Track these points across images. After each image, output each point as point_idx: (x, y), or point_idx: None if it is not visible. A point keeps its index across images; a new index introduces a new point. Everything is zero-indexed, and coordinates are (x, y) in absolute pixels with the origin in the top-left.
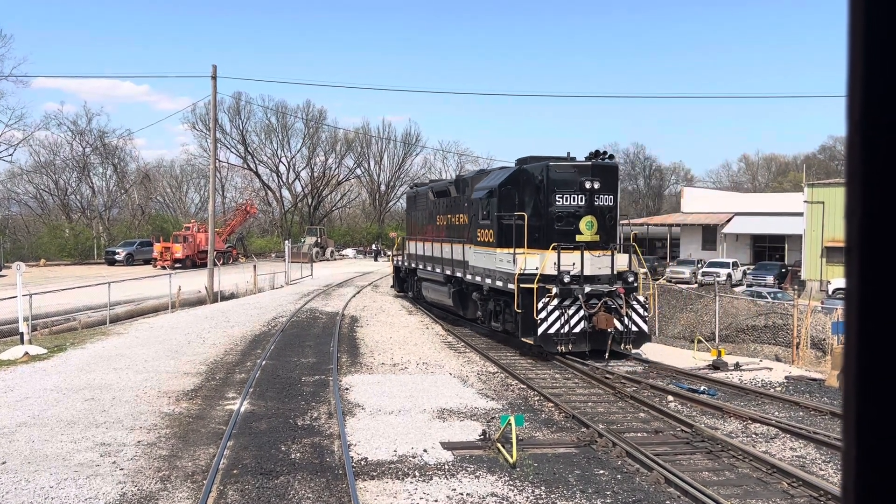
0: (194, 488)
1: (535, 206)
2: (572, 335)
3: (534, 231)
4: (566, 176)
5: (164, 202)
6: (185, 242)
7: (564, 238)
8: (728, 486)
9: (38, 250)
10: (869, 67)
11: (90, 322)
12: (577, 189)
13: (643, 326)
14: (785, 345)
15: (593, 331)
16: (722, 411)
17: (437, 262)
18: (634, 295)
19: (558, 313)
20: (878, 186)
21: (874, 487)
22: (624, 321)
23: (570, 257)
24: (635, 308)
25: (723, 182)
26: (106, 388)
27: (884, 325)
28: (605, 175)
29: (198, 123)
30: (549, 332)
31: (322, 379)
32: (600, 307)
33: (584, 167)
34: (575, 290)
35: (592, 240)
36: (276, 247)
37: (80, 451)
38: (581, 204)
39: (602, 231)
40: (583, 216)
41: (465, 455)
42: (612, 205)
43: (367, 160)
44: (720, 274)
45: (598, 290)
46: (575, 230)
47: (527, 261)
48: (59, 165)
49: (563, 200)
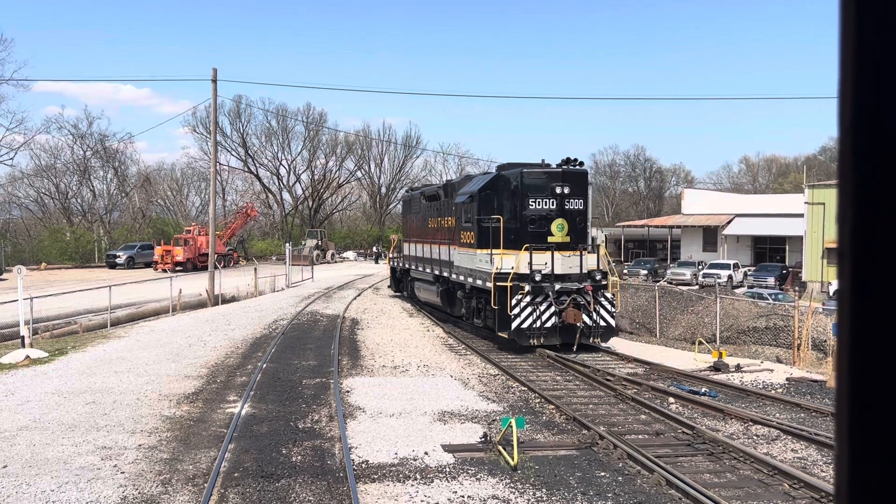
0: (195, 491)
1: (511, 210)
2: (544, 329)
3: (510, 233)
4: (539, 182)
5: (164, 205)
6: (185, 245)
7: (537, 239)
8: (729, 487)
9: (38, 254)
10: (860, 72)
11: (91, 325)
12: (548, 194)
13: (611, 321)
14: (786, 346)
15: (563, 325)
16: (723, 413)
17: (428, 262)
18: (602, 292)
19: (531, 309)
20: (869, 191)
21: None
22: (592, 316)
23: (542, 257)
24: (603, 304)
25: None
26: (107, 391)
27: (876, 328)
28: (575, 181)
29: (198, 126)
30: (523, 327)
31: (323, 382)
32: (569, 303)
33: (556, 173)
34: (546, 288)
35: (563, 241)
36: (277, 250)
37: (81, 455)
38: (552, 207)
39: (572, 233)
40: (554, 219)
41: (466, 457)
42: (583, 208)
43: (367, 163)
44: (721, 275)
45: (568, 287)
46: (547, 232)
47: (503, 261)
48: (60, 169)
49: (535, 204)
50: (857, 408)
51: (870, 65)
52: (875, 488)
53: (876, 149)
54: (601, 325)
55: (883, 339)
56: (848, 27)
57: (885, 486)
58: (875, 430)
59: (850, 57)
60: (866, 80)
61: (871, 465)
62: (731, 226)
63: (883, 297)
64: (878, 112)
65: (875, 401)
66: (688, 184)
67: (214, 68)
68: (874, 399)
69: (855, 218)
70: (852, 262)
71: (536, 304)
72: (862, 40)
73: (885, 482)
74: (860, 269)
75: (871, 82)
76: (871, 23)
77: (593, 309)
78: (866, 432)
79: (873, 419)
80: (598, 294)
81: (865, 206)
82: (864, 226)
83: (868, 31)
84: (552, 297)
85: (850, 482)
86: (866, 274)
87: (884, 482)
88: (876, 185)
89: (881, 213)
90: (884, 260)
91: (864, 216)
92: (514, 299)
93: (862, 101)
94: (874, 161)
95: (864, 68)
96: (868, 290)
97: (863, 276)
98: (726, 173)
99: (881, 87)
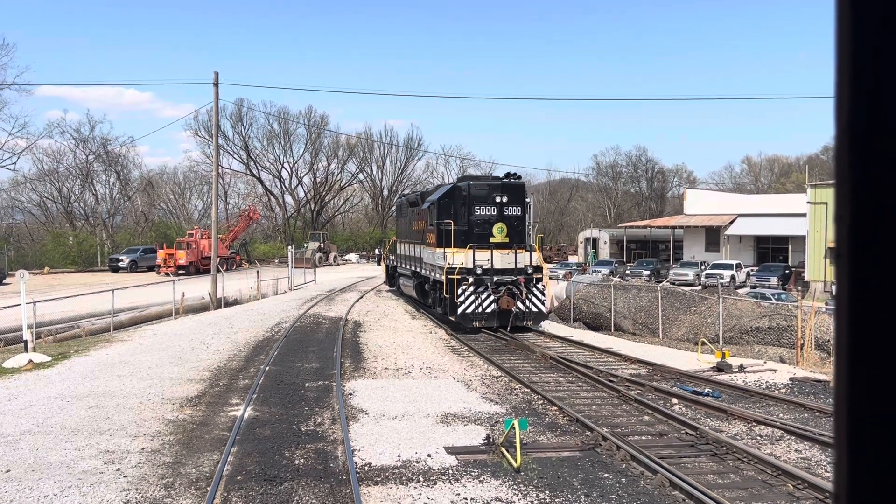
0: (198, 495)
1: (462, 215)
2: (485, 314)
3: (460, 234)
4: (483, 192)
5: (167, 209)
6: (188, 249)
7: (481, 240)
8: (733, 488)
9: (41, 258)
10: (857, 71)
11: (94, 329)
12: (491, 202)
13: (542, 308)
14: (789, 346)
15: (500, 310)
16: (726, 413)
17: (409, 260)
18: (534, 283)
19: (473, 297)
20: (866, 191)
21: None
22: (526, 303)
23: (484, 255)
24: (534, 293)
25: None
26: (110, 395)
27: (874, 328)
28: (513, 192)
29: (200, 130)
30: (467, 312)
31: (325, 384)
32: (505, 292)
33: (497, 185)
34: (486, 280)
35: (502, 241)
36: (280, 252)
37: (84, 459)
38: (493, 213)
39: (511, 235)
40: (495, 223)
41: (469, 460)
42: (520, 214)
43: (369, 165)
44: (723, 276)
45: (504, 279)
46: (489, 234)
47: (454, 257)
48: (63, 173)
49: (480, 211)
50: (855, 407)
51: (866, 64)
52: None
53: (873, 148)
54: (533, 311)
55: (881, 339)
56: (844, 25)
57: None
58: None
59: (847, 56)
60: (863, 79)
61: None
62: (733, 226)
63: (881, 297)
64: (875, 111)
65: (873, 400)
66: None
67: (216, 72)
68: (873, 398)
69: (852, 218)
70: (850, 262)
71: (478, 293)
72: (858, 38)
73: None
74: (858, 269)
75: (867, 81)
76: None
77: (525, 297)
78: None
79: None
80: (530, 285)
81: (863, 206)
82: (862, 225)
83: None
84: (491, 287)
85: (849, 483)
86: (864, 274)
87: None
88: (873, 185)
89: (879, 212)
90: (881, 260)
91: (861, 216)
92: (459, 289)
93: (859, 100)
94: (871, 160)
95: (860, 67)
96: (866, 290)
97: (861, 276)
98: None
99: (878, 86)
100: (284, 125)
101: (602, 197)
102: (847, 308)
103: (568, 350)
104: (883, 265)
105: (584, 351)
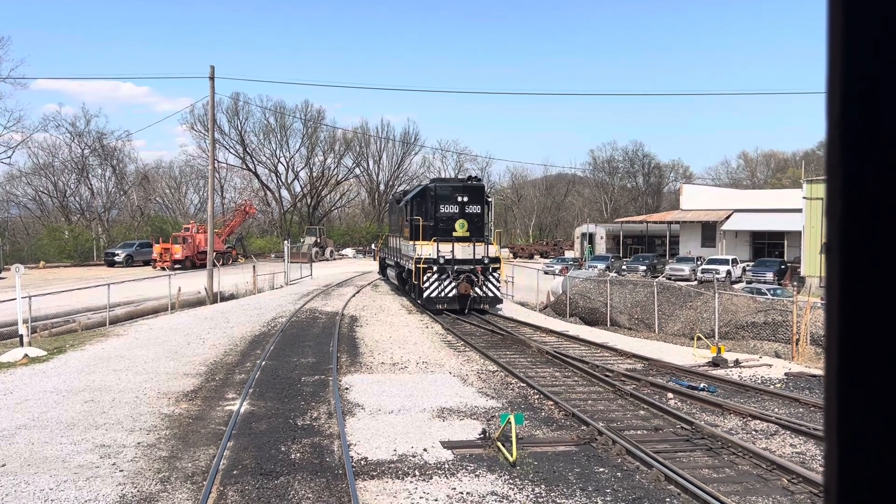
0: (194, 489)
1: (431, 213)
2: (447, 298)
3: (428, 229)
4: (447, 192)
5: (163, 203)
6: (184, 243)
7: (445, 234)
8: (728, 483)
9: (37, 252)
10: (848, 65)
11: (90, 324)
12: (453, 201)
13: (497, 293)
14: (785, 341)
15: (459, 295)
16: (722, 408)
17: (394, 252)
18: (490, 272)
19: (437, 283)
20: (857, 184)
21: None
22: (483, 289)
23: (447, 247)
24: (490, 280)
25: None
26: (105, 389)
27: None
28: (473, 192)
29: (196, 124)
30: (432, 296)
31: (322, 379)
32: (463, 279)
33: (459, 187)
34: (448, 268)
35: (463, 235)
36: (276, 247)
37: (80, 453)
38: (456, 211)
39: (471, 230)
40: (457, 219)
41: (465, 454)
42: (479, 212)
43: (365, 160)
44: (719, 271)
45: (464, 268)
46: (452, 228)
47: (422, 249)
48: (58, 167)
49: (444, 209)
50: (846, 401)
51: (858, 56)
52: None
53: (864, 141)
54: (489, 295)
55: (871, 333)
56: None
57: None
58: (864, 423)
59: (838, 48)
60: (854, 71)
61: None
62: (729, 221)
63: (872, 291)
64: (866, 104)
65: (864, 393)
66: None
67: (212, 65)
68: (863, 392)
69: (843, 212)
70: (841, 256)
71: (441, 280)
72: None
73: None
74: (848, 263)
75: (859, 74)
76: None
77: (482, 284)
78: (855, 425)
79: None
80: (487, 273)
81: (854, 200)
82: (853, 219)
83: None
84: (452, 275)
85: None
86: (854, 268)
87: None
88: (864, 179)
89: (870, 206)
90: (871, 254)
91: (852, 210)
92: (425, 276)
93: (850, 93)
94: (862, 154)
95: (852, 60)
96: (857, 284)
97: (851, 270)
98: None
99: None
100: (281, 119)
101: (598, 192)
102: (837, 302)
103: (564, 345)
104: (873, 259)
105: (581, 346)
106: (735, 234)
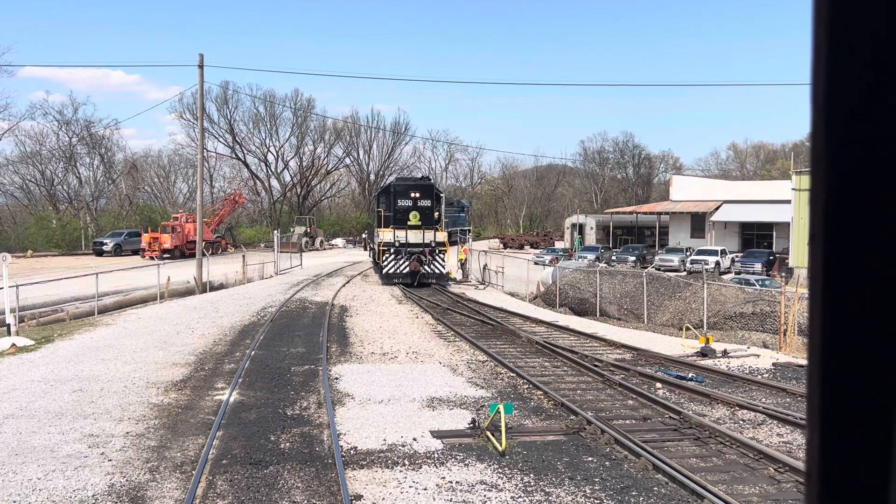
0: (183, 479)
1: (392, 205)
2: (402, 274)
3: (390, 219)
4: (403, 189)
5: (151, 192)
6: (173, 233)
7: (402, 223)
8: (715, 471)
9: (24, 241)
10: (833, 51)
11: (78, 313)
12: (408, 197)
13: (442, 270)
14: (772, 332)
15: (411, 271)
16: (710, 398)
17: (372, 238)
18: (437, 254)
19: (394, 262)
20: (842, 172)
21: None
22: (430, 267)
23: (402, 233)
24: (437, 260)
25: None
26: (94, 379)
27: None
28: (424, 189)
29: (185, 113)
30: (389, 272)
31: (311, 369)
32: (414, 259)
33: (412, 185)
34: (402, 250)
35: (416, 224)
36: (266, 237)
37: (68, 443)
38: (410, 205)
39: (422, 220)
40: (411, 211)
41: (454, 443)
42: (430, 206)
43: (356, 149)
44: (708, 262)
45: (415, 250)
46: (407, 219)
47: (384, 235)
48: (46, 155)
49: (402, 202)
50: (828, 390)
51: (842, 41)
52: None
53: (848, 127)
54: (435, 272)
55: (854, 320)
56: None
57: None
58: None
59: (823, 32)
60: (839, 58)
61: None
62: (718, 212)
63: (855, 279)
64: (850, 90)
65: (846, 383)
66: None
67: (201, 54)
68: (845, 381)
69: (827, 198)
70: (825, 243)
71: (397, 259)
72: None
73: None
74: (832, 249)
75: (843, 59)
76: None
77: (429, 262)
78: (838, 415)
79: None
80: (434, 254)
81: (838, 186)
82: (837, 205)
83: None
84: (405, 255)
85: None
86: (838, 255)
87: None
88: (848, 164)
89: (854, 192)
90: (856, 240)
91: (836, 196)
92: (384, 256)
93: (835, 78)
94: (847, 140)
95: (836, 45)
96: (840, 272)
97: (834, 256)
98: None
99: (854, 64)
100: (270, 108)
101: (589, 183)
102: (821, 289)
103: (554, 335)
104: (857, 246)
105: (570, 336)
106: (724, 225)
